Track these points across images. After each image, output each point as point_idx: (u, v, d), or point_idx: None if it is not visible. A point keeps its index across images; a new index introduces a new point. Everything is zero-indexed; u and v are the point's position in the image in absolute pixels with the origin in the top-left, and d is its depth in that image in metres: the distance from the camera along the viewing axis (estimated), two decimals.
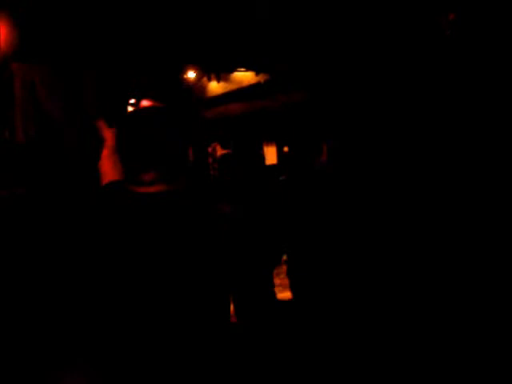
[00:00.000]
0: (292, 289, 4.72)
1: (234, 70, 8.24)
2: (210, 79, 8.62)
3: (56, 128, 5.07)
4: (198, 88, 8.64)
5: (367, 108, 5.10)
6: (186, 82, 8.18)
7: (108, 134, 2.04)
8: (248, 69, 8.01)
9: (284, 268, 4.98)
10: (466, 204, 3.83)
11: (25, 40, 4.82)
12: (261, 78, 8.02)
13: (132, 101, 8.55)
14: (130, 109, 8.55)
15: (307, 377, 3.31)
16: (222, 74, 8.51)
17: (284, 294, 4.73)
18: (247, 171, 4.31)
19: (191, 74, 8.13)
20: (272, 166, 7.75)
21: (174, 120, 1.83)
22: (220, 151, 6.33)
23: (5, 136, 4.89)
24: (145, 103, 8.98)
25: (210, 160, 6.49)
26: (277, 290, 4.71)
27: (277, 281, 4.71)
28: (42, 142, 4.91)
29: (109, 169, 2.01)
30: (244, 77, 8.26)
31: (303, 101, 6.67)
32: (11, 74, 4.96)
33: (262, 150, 8.17)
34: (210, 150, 6.71)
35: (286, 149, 8.14)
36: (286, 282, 4.89)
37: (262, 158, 5.25)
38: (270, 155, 8.37)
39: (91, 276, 1.83)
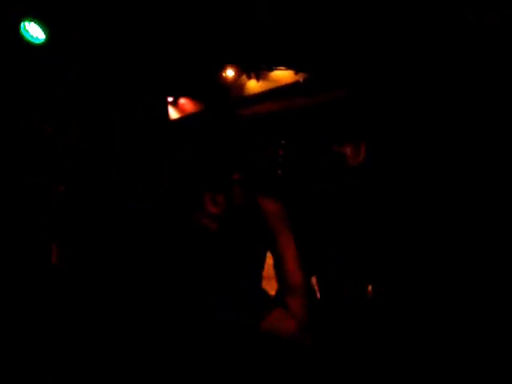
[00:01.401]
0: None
1: (273, 68, 8.23)
2: (249, 77, 8.62)
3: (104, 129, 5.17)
4: (236, 86, 8.66)
5: (410, 106, 5.01)
6: (224, 80, 8.21)
7: None
8: (287, 67, 7.98)
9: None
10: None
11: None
12: (300, 76, 7.97)
13: (170, 99, 8.67)
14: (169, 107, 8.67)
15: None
16: (262, 73, 8.51)
17: None
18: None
19: (230, 73, 8.15)
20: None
21: None
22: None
23: (48, 131, 4.98)
24: (182, 101, 9.04)
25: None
26: None
27: None
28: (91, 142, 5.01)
29: None
30: (283, 75, 8.23)
31: (341, 99, 6.60)
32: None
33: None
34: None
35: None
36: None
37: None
38: None
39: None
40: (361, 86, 5.85)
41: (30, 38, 4.28)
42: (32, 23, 4.20)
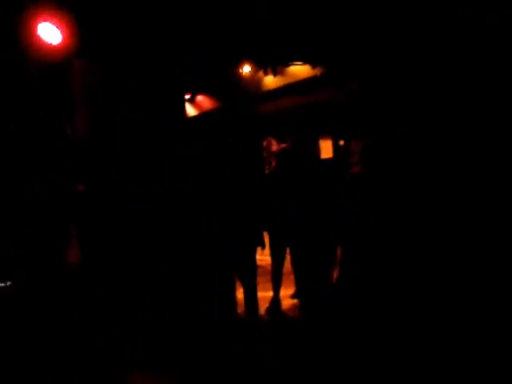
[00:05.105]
0: None
1: (290, 63, 8.19)
2: (266, 73, 8.60)
3: (111, 126, 5.18)
4: (253, 82, 8.64)
5: (421, 103, 4.97)
6: (241, 76, 8.20)
7: None
8: (304, 62, 7.93)
9: None
10: None
11: (86, 39, 4.95)
12: (317, 71, 7.92)
13: (187, 96, 8.69)
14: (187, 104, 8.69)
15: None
16: (278, 68, 8.47)
17: None
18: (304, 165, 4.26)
19: (247, 69, 8.13)
20: (328, 160, 7.65)
21: None
22: (276, 145, 6.29)
23: (67, 133, 5.01)
24: (200, 98, 9.02)
25: (265, 154, 6.45)
26: None
27: None
28: (98, 140, 5.02)
29: None
30: (300, 70, 8.18)
31: (355, 91, 6.56)
32: (73, 71, 5.13)
33: (317, 143, 8.09)
34: (264, 144, 6.66)
35: (341, 142, 8.01)
36: None
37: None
38: (326, 149, 8.25)
39: None
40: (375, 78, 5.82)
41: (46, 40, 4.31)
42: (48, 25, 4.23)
